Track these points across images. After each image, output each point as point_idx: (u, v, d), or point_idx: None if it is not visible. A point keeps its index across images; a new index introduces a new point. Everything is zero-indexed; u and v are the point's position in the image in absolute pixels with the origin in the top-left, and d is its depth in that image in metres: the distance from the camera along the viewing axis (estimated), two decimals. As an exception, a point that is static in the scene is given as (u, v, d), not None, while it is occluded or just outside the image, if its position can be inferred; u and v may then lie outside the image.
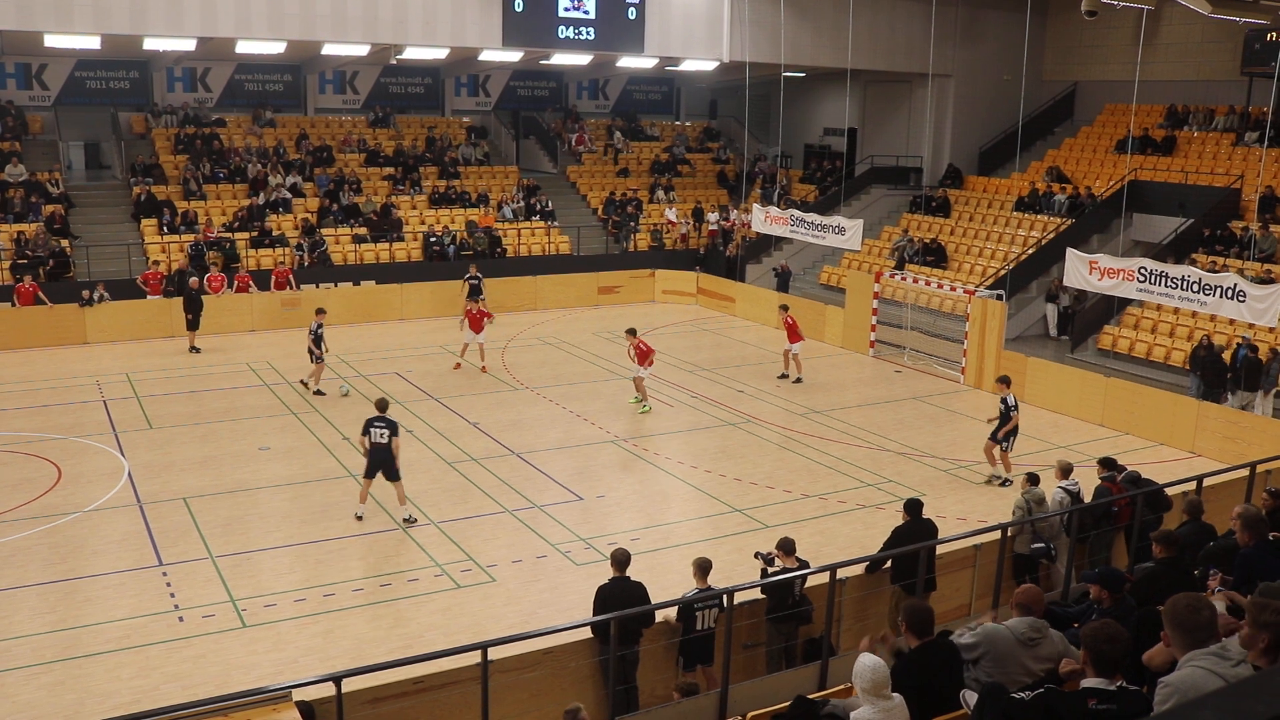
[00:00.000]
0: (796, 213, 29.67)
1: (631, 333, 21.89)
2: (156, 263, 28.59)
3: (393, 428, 15.26)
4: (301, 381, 22.37)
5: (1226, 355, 21.94)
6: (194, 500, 16.07)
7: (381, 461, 15.23)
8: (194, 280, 26.42)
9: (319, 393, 21.97)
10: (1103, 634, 5.54)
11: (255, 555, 14.29)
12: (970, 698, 6.65)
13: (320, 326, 22.02)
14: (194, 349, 25.46)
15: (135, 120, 34.32)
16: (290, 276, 28.69)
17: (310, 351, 21.89)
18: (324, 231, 31.26)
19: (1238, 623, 5.47)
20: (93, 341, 25.98)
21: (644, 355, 21.24)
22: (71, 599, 12.91)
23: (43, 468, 17.41)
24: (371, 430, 15.25)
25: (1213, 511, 11.15)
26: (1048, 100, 36.52)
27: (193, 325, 25.62)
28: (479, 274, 28.84)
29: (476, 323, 24.23)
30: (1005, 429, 17.33)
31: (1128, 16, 31.45)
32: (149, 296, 27.24)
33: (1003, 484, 17.34)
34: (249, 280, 28.19)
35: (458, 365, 24.47)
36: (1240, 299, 19.27)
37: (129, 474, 17.16)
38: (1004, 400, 17.49)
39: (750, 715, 8.14)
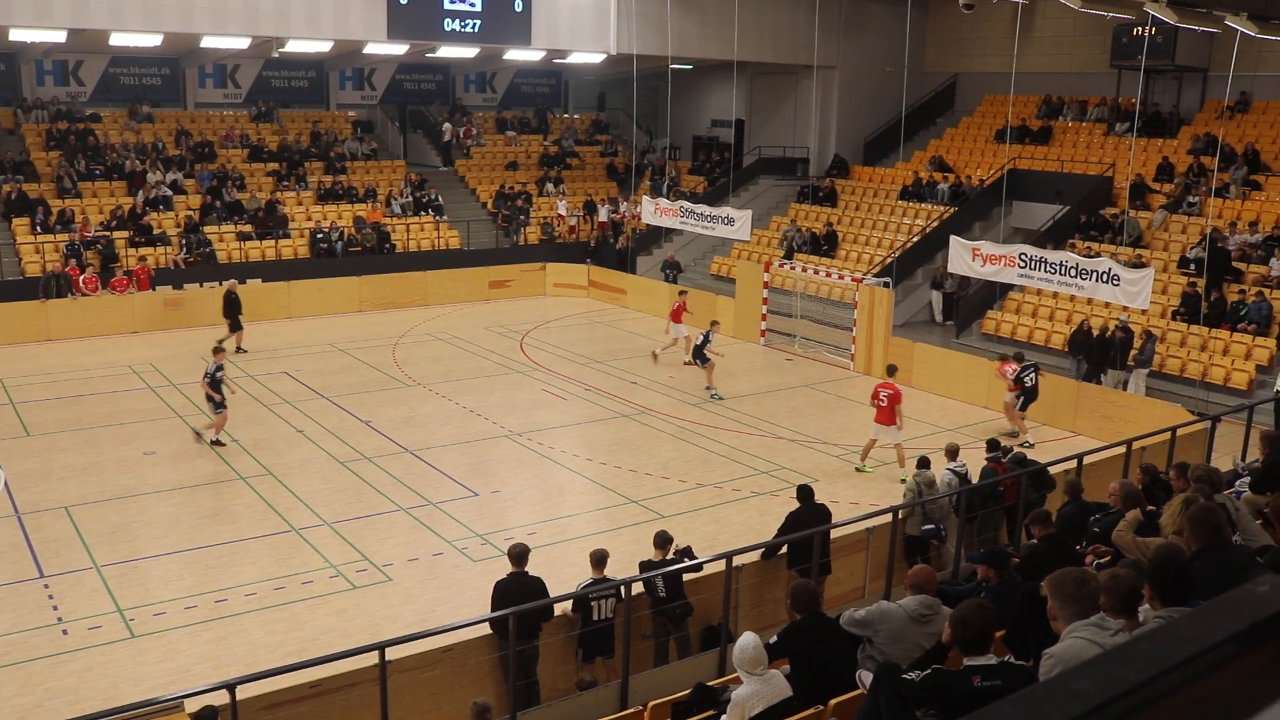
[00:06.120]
0: (686, 204, 29.86)
1: (890, 371, 18.80)
2: (144, 259, 28.46)
3: None
4: (195, 431, 18.69)
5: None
6: (76, 509, 15.57)
7: None
8: (233, 282, 26.07)
9: (216, 443, 18.39)
10: (956, 617, 5.74)
11: (143, 563, 13.91)
12: (866, 677, 6.81)
13: (220, 369, 18.56)
14: (240, 349, 25.02)
15: (3, 115, 32.98)
16: (151, 274, 27.87)
17: (209, 398, 18.47)
18: (207, 229, 30.50)
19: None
20: (-37, 347, 25.00)
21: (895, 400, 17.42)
22: (-53, 615, 12.42)
23: (-88, 479, 16.71)
24: None
25: (1093, 488, 11.56)
26: (929, 92, 37.33)
27: (236, 327, 25.19)
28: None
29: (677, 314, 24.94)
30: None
31: (1004, 10, 32.33)
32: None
33: (1025, 445, 18.31)
34: (128, 282, 27.41)
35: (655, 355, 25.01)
36: (1115, 283, 19.97)
37: (5, 483, 16.51)
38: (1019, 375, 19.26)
39: (651, 705, 8.20)
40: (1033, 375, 19.36)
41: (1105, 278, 20.08)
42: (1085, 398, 20.35)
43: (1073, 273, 20.65)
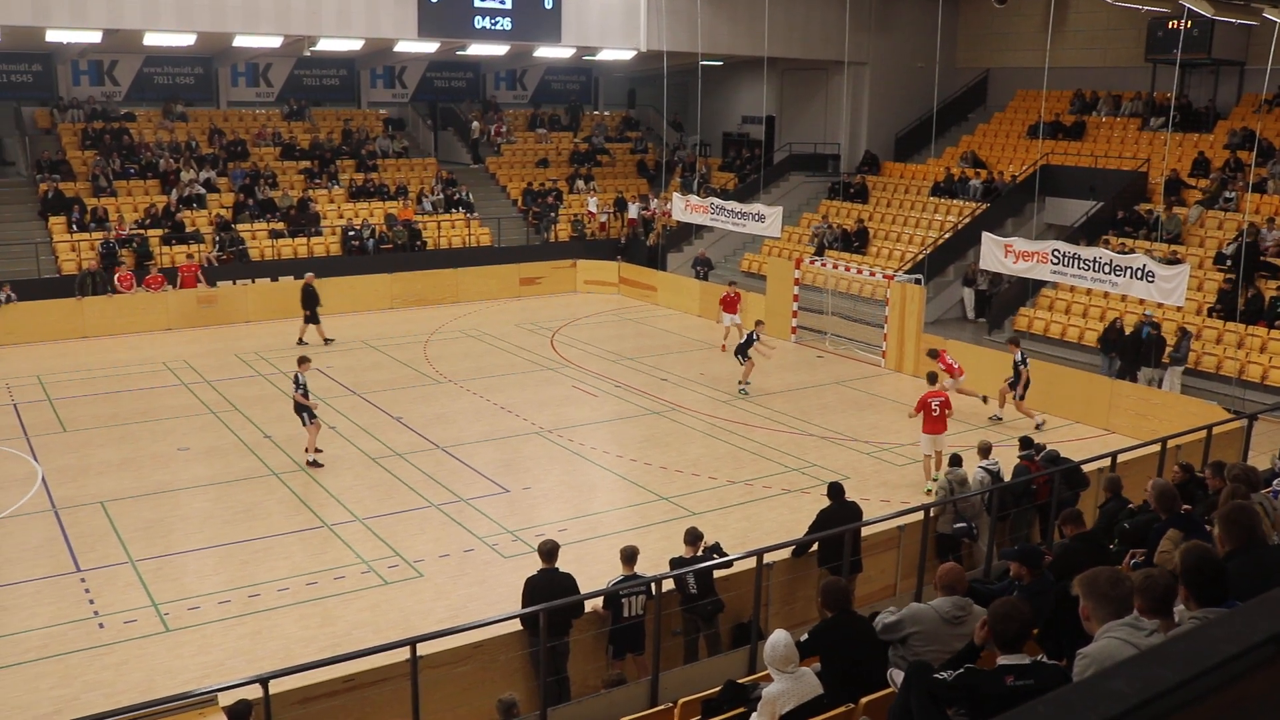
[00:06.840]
0: (716, 201, 29.82)
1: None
2: (191, 256, 28.94)
3: None
4: (313, 462, 17.60)
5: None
6: (112, 504, 15.74)
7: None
8: (310, 275, 26.43)
9: (315, 463, 17.52)
10: (998, 612, 5.69)
11: (178, 558, 14.05)
12: (897, 676, 6.78)
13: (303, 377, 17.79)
14: (327, 340, 25.68)
15: (40, 115, 33.40)
16: (199, 272, 28.20)
17: (299, 410, 17.70)
18: (240, 227, 30.73)
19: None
20: (1, 344, 25.27)
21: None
22: (-14, 608, 12.59)
23: (-48, 474, 16.93)
24: None
25: (1127, 486, 11.45)
26: (961, 87, 37.10)
27: (313, 319, 25.65)
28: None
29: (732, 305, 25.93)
30: (1020, 384, 19.73)
31: (1036, 4, 32.10)
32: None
33: (1038, 427, 19.31)
34: (162, 280, 27.66)
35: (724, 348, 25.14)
36: (1149, 279, 19.77)
37: (43, 479, 16.75)
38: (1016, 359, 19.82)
39: (681, 701, 8.20)
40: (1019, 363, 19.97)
41: (1140, 274, 19.87)
42: (1119, 395, 20.17)
43: (1107, 269, 20.46)
